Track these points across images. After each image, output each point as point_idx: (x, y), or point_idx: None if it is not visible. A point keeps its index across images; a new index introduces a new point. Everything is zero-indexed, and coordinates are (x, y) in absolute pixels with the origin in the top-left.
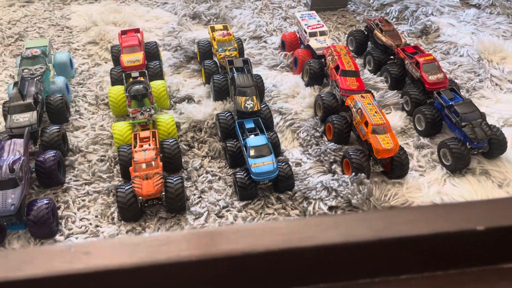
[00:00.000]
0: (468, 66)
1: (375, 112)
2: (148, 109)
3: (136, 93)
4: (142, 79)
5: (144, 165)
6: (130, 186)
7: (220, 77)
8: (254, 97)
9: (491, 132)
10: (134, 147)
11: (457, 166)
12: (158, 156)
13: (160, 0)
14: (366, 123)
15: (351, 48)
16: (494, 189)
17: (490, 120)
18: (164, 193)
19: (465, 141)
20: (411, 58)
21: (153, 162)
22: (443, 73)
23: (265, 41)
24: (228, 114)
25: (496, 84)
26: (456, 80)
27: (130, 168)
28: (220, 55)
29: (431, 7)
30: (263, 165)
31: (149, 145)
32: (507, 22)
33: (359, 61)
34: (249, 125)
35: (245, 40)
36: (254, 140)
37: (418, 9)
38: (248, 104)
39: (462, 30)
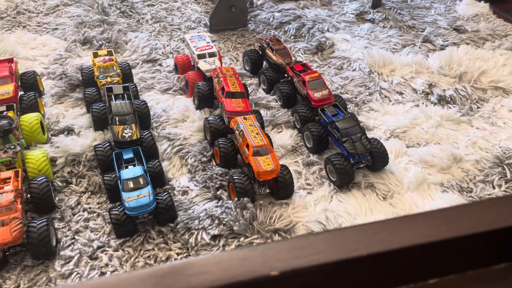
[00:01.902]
0: (359, 80)
1: (256, 133)
2: (12, 146)
3: None
4: (10, 113)
5: (1, 210)
6: None
7: (100, 105)
8: (133, 125)
9: (371, 146)
10: None
11: (342, 182)
12: (19, 198)
13: (50, 26)
14: (248, 146)
15: (247, 68)
16: (378, 202)
17: (378, 133)
18: (26, 239)
19: (348, 156)
20: (299, 76)
21: (11, 206)
22: (328, 89)
23: (160, 64)
24: (106, 144)
25: (385, 96)
26: (347, 95)
27: None
28: (100, 82)
29: (327, 24)
30: (138, 198)
31: (9, 186)
32: (398, 35)
33: (254, 80)
34: (128, 155)
35: (137, 64)
36: (128, 172)
37: (314, 26)
38: (125, 133)
39: (356, 45)
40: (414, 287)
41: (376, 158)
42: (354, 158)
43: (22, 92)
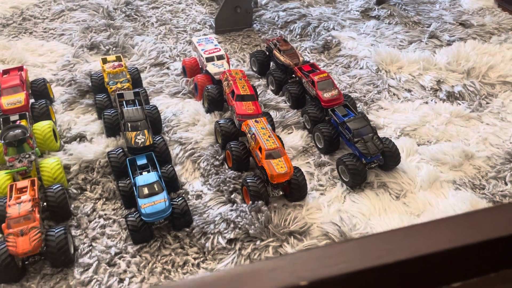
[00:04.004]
0: (367, 78)
1: (269, 136)
2: (27, 155)
3: (12, 139)
4: (23, 122)
5: (19, 220)
6: (5, 245)
7: (111, 111)
8: (146, 131)
9: (383, 146)
10: (10, 200)
11: (355, 182)
12: (36, 207)
13: (56, 32)
14: (260, 149)
15: (254, 69)
16: (391, 201)
17: (388, 131)
18: (45, 247)
19: (360, 156)
20: (307, 77)
21: (29, 215)
22: (338, 89)
23: (167, 68)
24: (120, 151)
25: (394, 94)
26: (355, 93)
27: (3, 224)
28: (111, 88)
29: (332, 22)
30: (154, 204)
31: (26, 196)
32: (404, 31)
33: (263, 81)
34: (141, 161)
35: (145, 68)
36: (143, 178)
37: (320, 24)
38: (139, 139)
39: (362, 43)
40: None
41: (388, 157)
42: (366, 158)
43: (32, 100)
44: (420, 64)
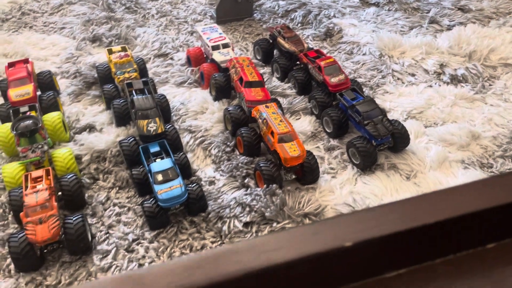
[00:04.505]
0: (371, 64)
1: (280, 121)
2: (40, 146)
3: (24, 129)
4: (33, 113)
5: (36, 208)
6: (24, 233)
7: (120, 101)
8: (157, 119)
9: (392, 128)
10: (26, 189)
11: (366, 164)
12: (53, 196)
13: (57, 25)
14: (273, 133)
15: (258, 57)
16: (402, 182)
17: (394, 114)
18: (63, 235)
19: (370, 139)
20: (314, 63)
21: (47, 204)
22: (344, 74)
23: (171, 58)
24: (132, 139)
25: (398, 79)
26: (360, 79)
27: (21, 213)
28: (119, 78)
29: (333, 9)
30: (170, 190)
31: (42, 185)
32: (404, 17)
33: (267, 69)
34: (154, 149)
35: (150, 59)
36: (158, 165)
37: (320, 12)
38: (150, 127)
39: (363, 29)
40: (474, 252)
41: (397, 139)
42: (376, 140)
43: (39, 92)
44: (422, 49)
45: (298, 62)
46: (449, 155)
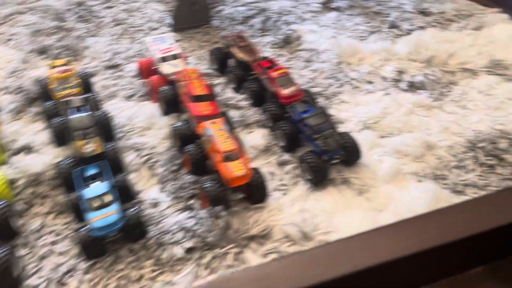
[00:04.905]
0: (329, 71)
1: (226, 138)
2: None
3: None
4: None
5: None
6: None
7: (60, 119)
8: (95, 139)
9: (343, 141)
10: None
11: (318, 179)
12: None
13: (4, 37)
14: (217, 151)
15: (214, 67)
16: (354, 197)
17: (350, 125)
18: None
19: (321, 153)
20: (266, 73)
21: None
22: (297, 85)
23: (122, 69)
24: (70, 161)
25: (356, 87)
26: (317, 88)
27: None
28: (59, 94)
29: (293, 15)
30: (104, 217)
31: None
32: (364, 22)
33: (223, 79)
34: (92, 171)
35: (99, 71)
36: (93, 190)
37: (280, 18)
38: (88, 148)
39: (323, 35)
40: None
41: (349, 152)
42: (327, 154)
43: None
44: (381, 55)
45: (253, 72)
46: (403, 167)
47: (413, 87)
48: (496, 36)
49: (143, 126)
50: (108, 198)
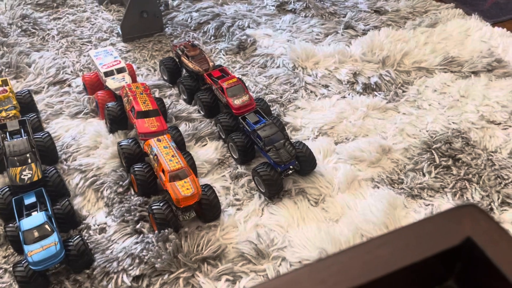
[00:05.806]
0: (284, 77)
1: (172, 156)
2: None
3: None
4: None
5: None
6: None
7: None
8: (33, 165)
9: (296, 151)
10: None
11: (272, 192)
12: None
13: None
14: (164, 171)
15: (165, 78)
16: (310, 208)
17: (306, 132)
18: None
19: (274, 165)
20: (217, 83)
21: None
22: (249, 94)
23: (69, 85)
24: (6, 189)
25: (311, 92)
26: (272, 95)
27: None
28: None
29: (247, 19)
30: (42, 250)
31: None
32: (320, 23)
33: (174, 90)
34: (30, 200)
35: (43, 88)
36: (29, 222)
37: (234, 23)
38: (24, 175)
39: (278, 39)
40: None
41: (303, 162)
42: (280, 166)
43: None
44: (335, 58)
45: (204, 83)
46: (358, 173)
47: (368, 89)
48: (450, 33)
49: (89, 146)
50: (45, 229)
